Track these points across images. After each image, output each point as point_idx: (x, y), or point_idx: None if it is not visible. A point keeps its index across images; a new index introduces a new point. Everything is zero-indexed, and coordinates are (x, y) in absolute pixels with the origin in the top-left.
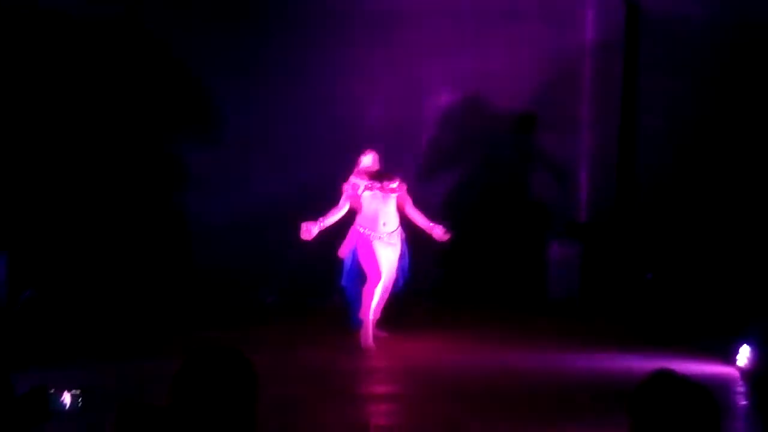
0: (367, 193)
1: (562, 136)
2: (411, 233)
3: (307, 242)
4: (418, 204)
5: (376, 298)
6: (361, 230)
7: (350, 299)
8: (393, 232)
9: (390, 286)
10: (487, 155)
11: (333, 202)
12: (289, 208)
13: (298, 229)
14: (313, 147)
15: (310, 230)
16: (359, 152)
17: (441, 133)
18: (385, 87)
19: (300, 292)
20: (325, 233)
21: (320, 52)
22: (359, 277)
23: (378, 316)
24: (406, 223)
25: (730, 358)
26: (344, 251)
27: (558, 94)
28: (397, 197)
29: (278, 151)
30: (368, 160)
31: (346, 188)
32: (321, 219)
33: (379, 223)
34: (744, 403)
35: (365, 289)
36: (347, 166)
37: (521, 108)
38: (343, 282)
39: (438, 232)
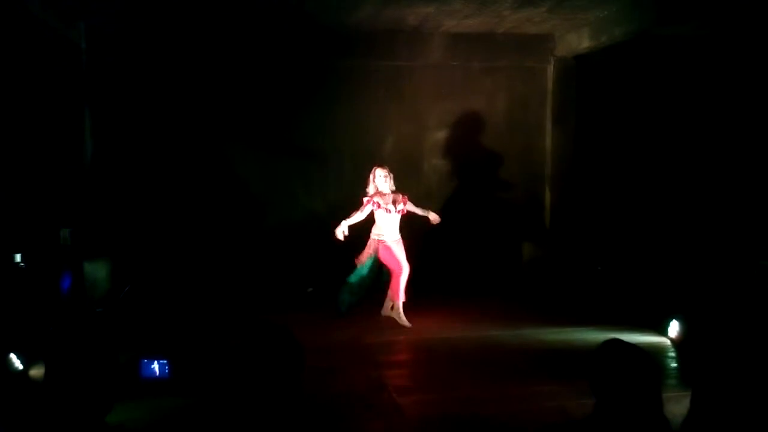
0: (385, 213)
1: (529, 163)
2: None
3: (337, 241)
4: (411, 217)
5: (402, 285)
6: (379, 238)
7: (345, 292)
8: (399, 237)
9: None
10: (473, 176)
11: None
12: (323, 219)
13: (331, 232)
14: (340, 172)
15: (340, 230)
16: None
17: (437, 160)
18: (396, 126)
19: (331, 284)
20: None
21: (348, 100)
22: (362, 279)
23: (405, 299)
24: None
25: (662, 331)
26: (362, 259)
27: (526, 129)
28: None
29: (315, 175)
30: (383, 182)
31: (368, 202)
32: (345, 220)
33: (392, 233)
34: (674, 365)
35: (394, 280)
36: (367, 187)
37: (497, 140)
38: (351, 279)
39: (432, 216)
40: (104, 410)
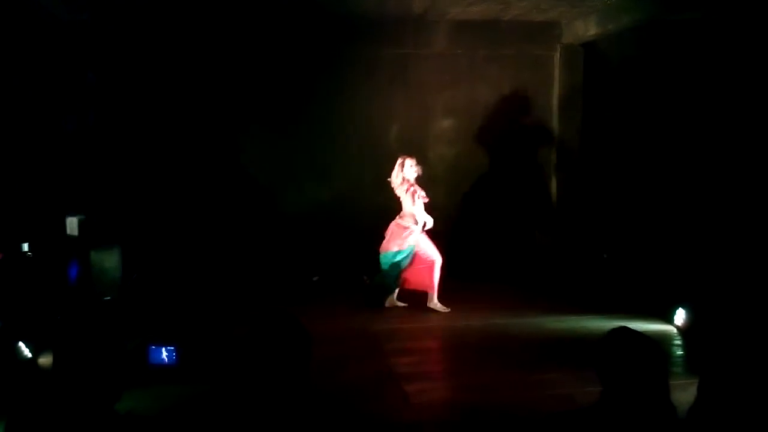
0: (424, 201)
1: (535, 151)
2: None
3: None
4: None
5: (437, 273)
6: (415, 227)
7: (387, 281)
8: None
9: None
10: (479, 165)
11: (362, 201)
12: (329, 207)
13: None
14: (347, 161)
15: (429, 220)
16: (382, 164)
17: (443, 149)
18: (401, 114)
19: (337, 273)
20: (350, 230)
21: (354, 88)
22: (400, 268)
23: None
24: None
25: (669, 319)
26: (400, 247)
27: (531, 118)
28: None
29: (322, 164)
30: (413, 171)
31: (415, 190)
32: (423, 213)
33: (424, 222)
34: (680, 353)
35: (434, 269)
36: (373, 175)
37: (503, 129)
38: (391, 269)
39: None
40: (113, 398)
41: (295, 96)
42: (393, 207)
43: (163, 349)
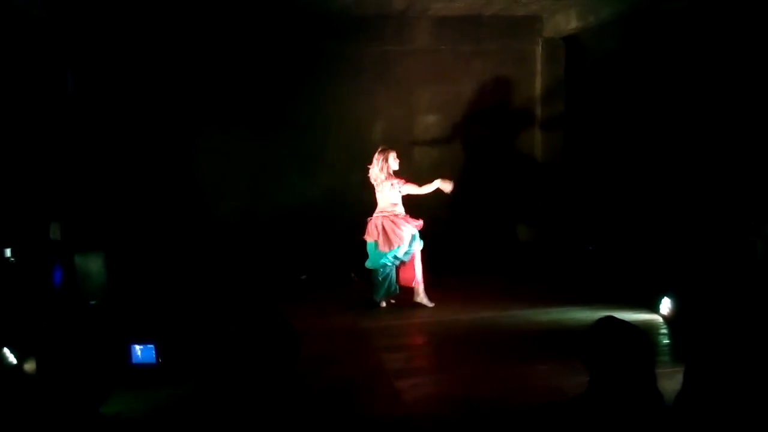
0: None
1: (519, 145)
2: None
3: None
4: (411, 199)
5: (419, 265)
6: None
7: (387, 280)
8: None
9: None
10: (464, 160)
11: (349, 197)
12: (317, 203)
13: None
14: (332, 159)
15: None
16: (368, 161)
17: (427, 144)
18: (386, 110)
19: (325, 271)
20: (337, 227)
21: (337, 85)
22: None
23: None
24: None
25: (654, 308)
26: (400, 242)
27: (515, 111)
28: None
29: (308, 162)
30: (396, 164)
31: (398, 181)
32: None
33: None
34: (667, 341)
35: (416, 261)
36: (359, 173)
37: (486, 123)
38: (390, 264)
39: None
40: (99, 401)
41: (278, 95)
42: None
43: (144, 347)
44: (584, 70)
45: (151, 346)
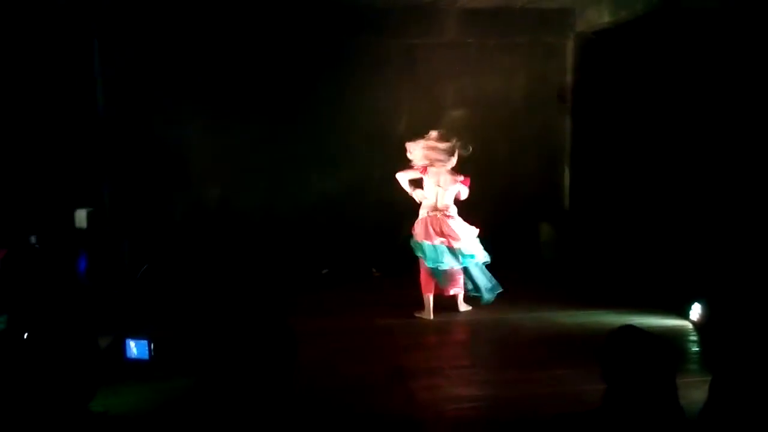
0: None
1: (548, 142)
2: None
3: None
4: None
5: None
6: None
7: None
8: None
9: None
10: (490, 156)
11: (371, 195)
12: (338, 199)
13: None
14: (355, 153)
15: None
16: (391, 156)
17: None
18: (410, 105)
19: (347, 265)
20: (358, 222)
21: (361, 79)
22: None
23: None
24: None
25: (684, 314)
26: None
27: (545, 107)
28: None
29: (330, 156)
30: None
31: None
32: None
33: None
34: (696, 349)
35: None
36: (382, 168)
37: (514, 119)
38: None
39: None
40: (87, 397)
41: (302, 89)
42: (401, 200)
43: (138, 342)
44: (617, 65)
45: (145, 341)
